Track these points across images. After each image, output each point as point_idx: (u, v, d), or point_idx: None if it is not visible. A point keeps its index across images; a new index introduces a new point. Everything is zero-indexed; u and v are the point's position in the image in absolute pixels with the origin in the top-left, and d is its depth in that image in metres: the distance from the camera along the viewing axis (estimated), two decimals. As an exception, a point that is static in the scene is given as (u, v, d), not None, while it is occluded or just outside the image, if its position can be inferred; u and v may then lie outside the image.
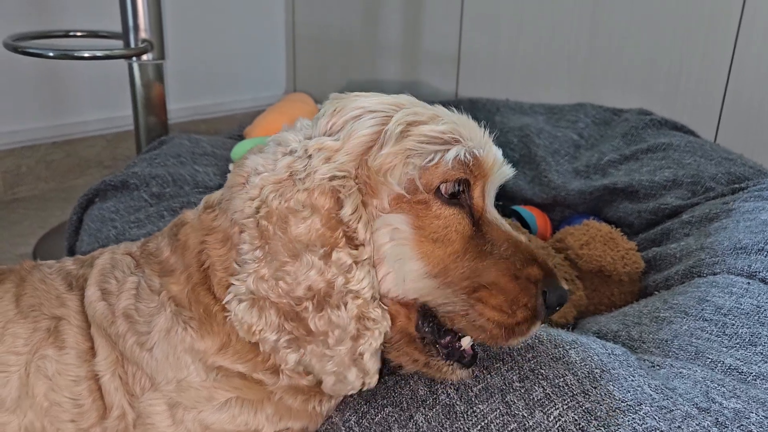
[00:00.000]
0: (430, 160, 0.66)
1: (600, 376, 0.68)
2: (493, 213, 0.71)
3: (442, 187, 0.67)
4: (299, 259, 0.64)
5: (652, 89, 1.72)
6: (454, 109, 0.73)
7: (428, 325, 0.70)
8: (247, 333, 0.66)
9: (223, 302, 0.68)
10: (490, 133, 0.73)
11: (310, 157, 0.67)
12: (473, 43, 2.09)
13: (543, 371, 0.70)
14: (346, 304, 0.64)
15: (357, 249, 0.65)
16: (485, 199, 0.71)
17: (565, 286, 0.69)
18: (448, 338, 0.70)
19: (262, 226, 0.66)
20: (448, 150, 0.66)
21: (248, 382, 0.72)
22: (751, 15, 1.52)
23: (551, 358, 0.71)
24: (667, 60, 1.68)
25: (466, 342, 0.70)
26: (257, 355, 0.71)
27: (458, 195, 0.68)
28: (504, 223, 0.71)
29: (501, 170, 0.72)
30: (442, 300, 0.67)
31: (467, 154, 0.67)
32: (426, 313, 0.69)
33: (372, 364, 0.67)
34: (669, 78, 1.69)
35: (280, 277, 0.65)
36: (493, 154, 0.71)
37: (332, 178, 0.66)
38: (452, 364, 0.70)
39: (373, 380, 0.68)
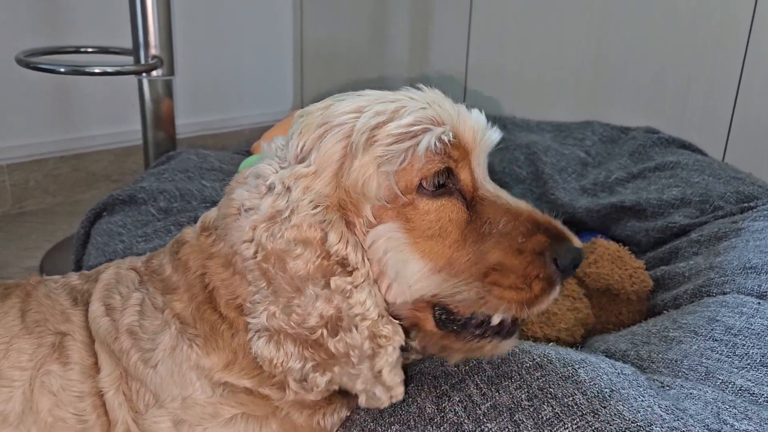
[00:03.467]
0: (402, 161, 0.64)
1: (609, 396, 0.67)
2: (486, 187, 0.68)
3: (424, 183, 0.65)
4: (303, 292, 0.65)
5: (660, 107, 1.72)
6: (422, 86, 0.70)
7: (449, 319, 0.68)
8: (270, 366, 0.67)
9: (247, 339, 0.69)
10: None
11: (289, 189, 0.66)
12: (480, 60, 2.10)
13: (552, 390, 0.69)
14: (357, 327, 0.64)
15: (350, 275, 0.65)
16: (474, 175, 0.68)
17: (578, 244, 0.66)
18: (474, 321, 0.68)
19: (262, 268, 0.66)
20: (419, 143, 0.64)
21: (254, 398, 0.72)
22: (759, 33, 1.52)
23: (560, 377, 0.70)
24: (675, 78, 1.68)
25: (496, 319, 0.68)
26: (264, 371, 0.71)
27: (444, 184, 0.66)
28: (500, 194, 0.68)
29: (484, 140, 0.69)
30: (453, 290, 0.66)
31: (438, 142, 0.64)
32: (442, 308, 0.68)
33: (392, 378, 0.66)
34: (677, 96, 1.69)
35: (290, 311, 0.65)
36: (471, 128, 0.68)
37: (315, 211, 0.65)
38: (491, 341, 0.68)
39: (397, 392, 0.68)
